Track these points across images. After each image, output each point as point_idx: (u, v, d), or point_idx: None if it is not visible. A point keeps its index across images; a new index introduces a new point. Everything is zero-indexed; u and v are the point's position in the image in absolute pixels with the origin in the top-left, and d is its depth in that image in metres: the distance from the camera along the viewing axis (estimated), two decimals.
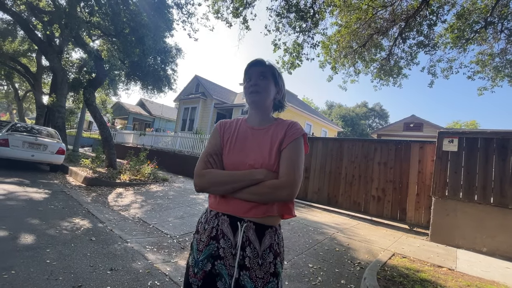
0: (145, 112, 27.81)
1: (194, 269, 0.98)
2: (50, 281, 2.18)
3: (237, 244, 0.95)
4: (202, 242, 1.00)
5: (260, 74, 1.07)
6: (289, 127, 1.05)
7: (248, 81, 1.09)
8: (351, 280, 2.77)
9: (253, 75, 1.08)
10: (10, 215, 3.61)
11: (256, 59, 1.10)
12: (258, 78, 1.07)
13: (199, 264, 0.97)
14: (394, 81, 8.88)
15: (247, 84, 1.09)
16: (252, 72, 1.08)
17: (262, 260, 0.94)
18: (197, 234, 1.04)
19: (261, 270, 0.93)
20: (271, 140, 1.03)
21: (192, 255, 1.01)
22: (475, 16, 6.96)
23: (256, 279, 0.93)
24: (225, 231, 0.97)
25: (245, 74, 1.10)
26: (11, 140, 6.78)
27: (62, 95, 11.20)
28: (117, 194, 5.94)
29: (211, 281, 0.95)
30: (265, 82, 1.07)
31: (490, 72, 7.88)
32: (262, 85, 1.06)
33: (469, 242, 4.08)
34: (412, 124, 15.64)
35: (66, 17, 7.32)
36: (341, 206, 6.03)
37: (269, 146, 1.02)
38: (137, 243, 3.28)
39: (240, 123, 1.13)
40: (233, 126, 1.12)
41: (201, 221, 1.05)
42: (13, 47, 14.99)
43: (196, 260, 0.98)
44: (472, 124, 36.01)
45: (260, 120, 1.10)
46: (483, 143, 4.28)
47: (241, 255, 0.94)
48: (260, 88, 1.06)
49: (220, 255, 0.96)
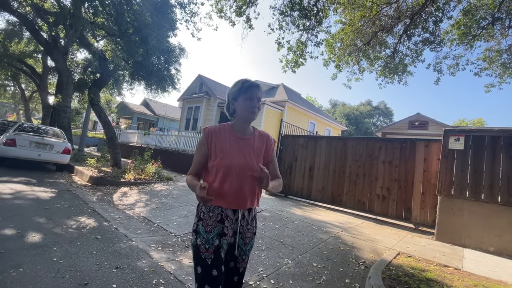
0: (149, 111, 27.98)
1: (206, 246, 1.26)
2: (57, 279, 2.21)
3: (238, 219, 1.35)
4: (209, 225, 1.30)
5: (259, 99, 1.37)
6: (268, 140, 1.47)
7: (249, 100, 1.34)
8: (355, 279, 2.76)
9: (254, 97, 1.34)
10: (18, 214, 3.66)
11: (256, 82, 1.37)
12: (257, 102, 1.36)
13: (210, 241, 1.27)
14: (399, 79, 8.78)
15: (249, 103, 1.34)
16: (253, 93, 1.34)
17: (250, 226, 1.40)
18: (200, 221, 1.33)
19: (249, 232, 1.40)
20: (256, 149, 1.40)
21: (201, 236, 1.29)
22: (482, 12, 6.83)
23: (245, 238, 1.39)
24: (229, 215, 1.34)
25: (244, 92, 1.34)
26: (18, 140, 6.88)
27: (67, 95, 11.32)
28: (122, 193, 6.00)
29: (219, 253, 1.27)
30: (259, 105, 1.38)
31: (497, 68, 7.75)
32: (259, 108, 1.37)
33: (475, 242, 4.03)
34: (417, 122, 15.45)
35: (70, 18, 7.39)
36: (345, 205, 6.00)
37: (256, 154, 1.39)
38: (142, 241, 3.31)
39: (228, 131, 1.39)
40: (222, 133, 1.37)
41: (202, 211, 1.34)
42: (19, 48, 15.18)
43: (206, 239, 1.28)
44: (478, 122, 35.48)
45: (246, 131, 1.42)
46: (490, 141, 4.21)
47: (241, 226, 1.37)
48: (257, 110, 1.37)
49: (225, 233, 1.31)
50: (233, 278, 1.37)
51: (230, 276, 1.36)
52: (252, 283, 2.52)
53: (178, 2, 9.06)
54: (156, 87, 12.43)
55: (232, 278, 1.36)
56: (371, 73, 9.16)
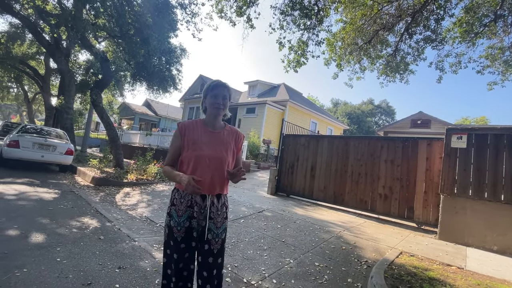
0: (151, 112, 28.07)
1: (177, 227, 1.48)
2: (61, 279, 2.22)
3: (207, 206, 1.51)
4: (180, 210, 1.49)
5: (224, 97, 1.53)
6: (237, 135, 1.64)
7: (214, 97, 1.52)
8: (358, 278, 2.76)
9: (220, 94, 1.52)
10: (21, 215, 3.69)
11: (220, 81, 1.55)
12: (222, 99, 1.52)
13: (181, 223, 1.48)
14: (400, 78, 8.74)
15: (214, 100, 1.51)
16: (219, 91, 1.52)
17: (220, 212, 1.55)
18: (173, 206, 1.52)
19: (219, 217, 1.54)
20: (225, 142, 1.56)
21: (173, 219, 1.49)
22: (484, 9, 6.78)
23: (217, 222, 1.53)
24: (198, 201, 1.50)
25: (211, 90, 1.52)
26: (22, 142, 6.93)
27: (70, 96, 11.38)
28: (125, 193, 6.03)
29: (189, 232, 1.49)
30: (226, 102, 1.54)
31: (500, 66, 7.69)
32: (225, 104, 1.54)
33: (479, 240, 4.00)
34: (420, 121, 15.37)
35: (72, 20, 7.43)
36: (347, 205, 5.98)
37: (225, 146, 1.55)
38: (144, 241, 3.33)
39: (200, 126, 1.55)
40: (195, 127, 1.54)
41: (175, 197, 1.52)
42: (22, 50, 15.29)
43: (178, 221, 1.48)
44: (482, 120, 35.24)
45: (216, 125, 1.58)
46: (493, 139, 4.18)
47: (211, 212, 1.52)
48: (223, 106, 1.54)
49: (194, 216, 1.50)
50: (208, 259, 1.49)
51: (205, 257, 1.49)
52: (254, 283, 2.53)
53: (179, 3, 9.08)
54: (157, 88, 12.47)
55: (207, 259, 1.49)
56: (372, 72, 9.14)
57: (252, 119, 15.92)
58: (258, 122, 15.48)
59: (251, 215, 4.89)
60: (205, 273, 1.48)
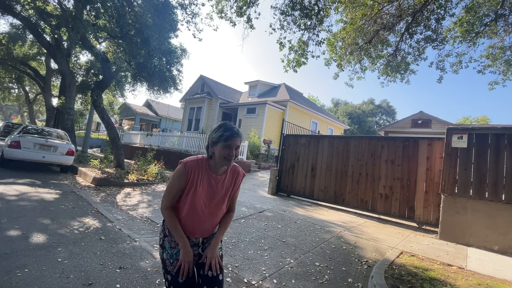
0: (152, 112, 28.10)
1: (170, 260, 1.42)
2: (62, 279, 2.23)
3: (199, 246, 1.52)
4: (173, 241, 1.44)
5: (237, 147, 1.43)
6: (237, 176, 1.57)
7: (227, 148, 1.39)
8: (358, 278, 2.76)
9: (233, 146, 1.40)
10: (23, 215, 3.71)
11: (235, 130, 1.42)
12: (235, 150, 1.42)
13: (173, 256, 1.42)
14: (401, 77, 8.73)
15: (227, 152, 1.39)
16: (233, 142, 1.39)
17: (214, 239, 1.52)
18: (166, 237, 1.46)
19: None
20: (225, 187, 1.52)
21: (166, 251, 1.45)
22: (485, 9, 6.77)
23: None
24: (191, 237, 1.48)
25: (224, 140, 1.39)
26: (23, 142, 6.95)
27: (70, 97, 11.40)
28: (125, 194, 6.04)
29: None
30: (237, 152, 1.44)
31: (501, 65, 7.67)
32: (236, 155, 1.44)
33: (480, 240, 4.00)
34: (420, 121, 15.34)
35: (73, 20, 7.45)
36: (348, 204, 5.98)
37: (225, 193, 1.52)
38: (145, 242, 3.33)
39: (204, 170, 1.45)
40: (199, 171, 1.44)
41: (167, 229, 1.46)
42: (23, 51, 15.34)
43: (171, 254, 1.43)
44: (483, 120, 35.18)
45: (220, 171, 1.49)
46: (494, 139, 4.17)
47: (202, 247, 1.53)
48: (234, 158, 1.43)
49: None
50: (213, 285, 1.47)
51: (210, 284, 1.45)
52: (254, 283, 2.53)
53: (179, 3, 9.09)
54: (158, 88, 12.48)
55: (212, 285, 1.46)
56: (373, 72, 9.12)
57: (253, 119, 15.92)
58: (259, 122, 15.48)
59: (251, 215, 4.90)
60: None
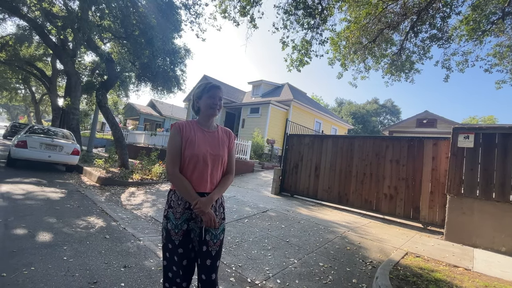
0: (156, 112, 28.27)
1: (175, 230, 1.46)
2: (67, 277, 2.25)
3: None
4: (178, 212, 1.48)
5: (220, 98, 1.57)
6: (230, 134, 1.67)
7: (211, 98, 1.54)
8: (362, 279, 2.74)
9: (216, 95, 1.55)
10: (29, 214, 3.75)
11: (216, 84, 1.58)
12: (219, 100, 1.56)
13: (178, 226, 1.46)
14: (406, 77, 8.66)
15: (211, 101, 1.54)
16: (215, 93, 1.55)
17: (218, 212, 1.54)
18: (171, 208, 1.50)
19: (217, 217, 1.52)
20: (221, 140, 1.59)
21: (171, 222, 1.47)
22: (491, 6, 6.67)
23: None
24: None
25: (207, 92, 1.55)
26: (29, 142, 7.04)
27: (76, 97, 11.53)
28: (130, 193, 6.08)
29: (187, 235, 1.48)
30: (221, 103, 1.59)
31: (508, 64, 7.56)
32: (220, 106, 1.58)
33: (486, 241, 3.94)
34: (425, 120, 15.17)
35: (78, 21, 7.52)
36: (352, 205, 5.94)
37: (221, 144, 1.58)
38: (149, 241, 3.35)
39: (195, 126, 1.56)
40: (191, 127, 1.54)
41: (172, 199, 1.52)
42: (29, 52, 15.54)
43: (175, 224, 1.46)
44: (489, 119, 34.70)
45: (210, 126, 1.60)
46: (501, 139, 4.11)
47: None
48: (219, 107, 1.57)
49: (192, 217, 1.49)
50: (206, 261, 1.47)
51: (204, 259, 1.47)
52: (258, 283, 2.53)
53: (183, 3, 9.11)
54: (162, 88, 12.54)
55: (205, 261, 1.47)
56: (377, 71, 9.06)
57: (256, 119, 15.91)
58: (262, 122, 15.47)
59: (255, 215, 4.89)
60: (203, 276, 1.46)
